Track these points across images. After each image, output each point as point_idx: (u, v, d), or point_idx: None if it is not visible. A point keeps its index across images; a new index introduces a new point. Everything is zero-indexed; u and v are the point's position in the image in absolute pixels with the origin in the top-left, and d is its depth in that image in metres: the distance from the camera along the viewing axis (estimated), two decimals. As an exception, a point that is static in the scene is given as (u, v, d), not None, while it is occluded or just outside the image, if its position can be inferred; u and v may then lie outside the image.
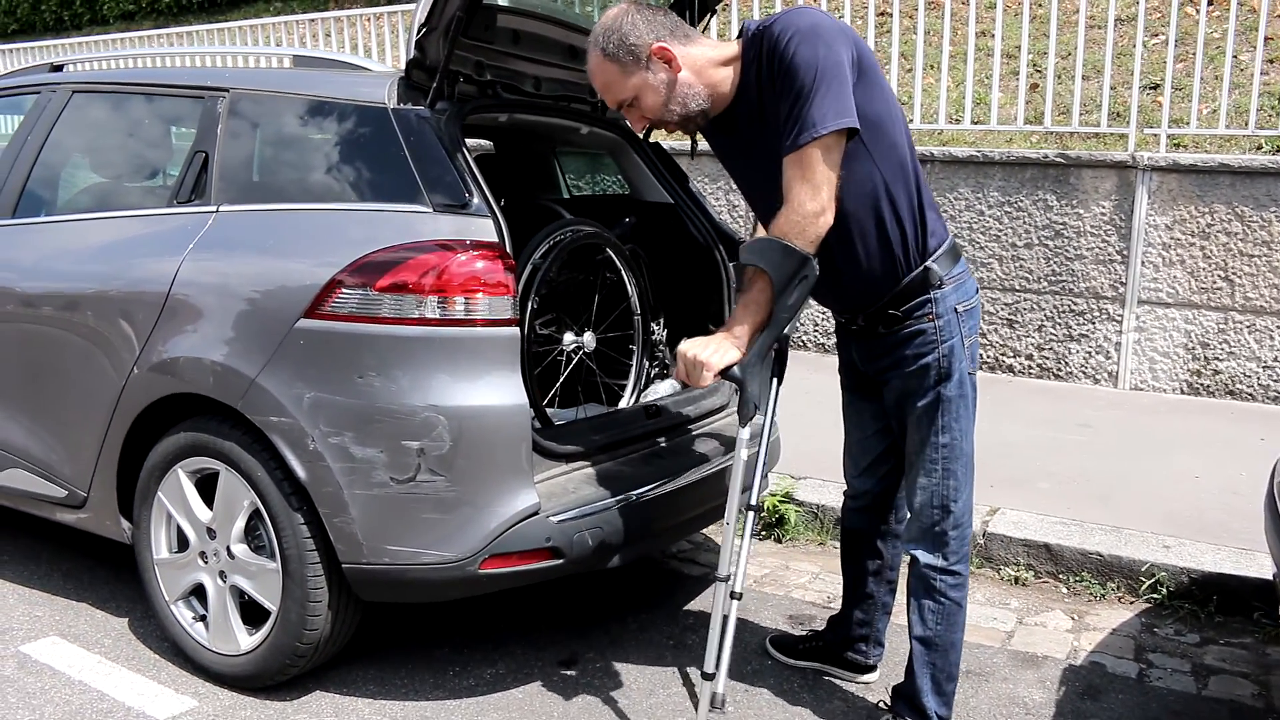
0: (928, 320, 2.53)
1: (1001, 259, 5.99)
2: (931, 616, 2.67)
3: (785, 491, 4.25)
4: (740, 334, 2.48)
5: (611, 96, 2.55)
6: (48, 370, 3.28)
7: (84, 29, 14.40)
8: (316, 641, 2.82)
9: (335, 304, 2.67)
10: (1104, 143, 6.02)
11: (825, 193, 2.34)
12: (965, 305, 2.56)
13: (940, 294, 2.52)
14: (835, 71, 2.32)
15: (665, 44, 2.47)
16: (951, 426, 2.58)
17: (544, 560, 2.72)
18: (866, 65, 2.40)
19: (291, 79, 3.12)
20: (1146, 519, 3.94)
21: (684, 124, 2.56)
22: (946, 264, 2.54)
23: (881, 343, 2.61)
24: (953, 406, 2.57)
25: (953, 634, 2.68)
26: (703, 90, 2.51)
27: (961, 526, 2.65)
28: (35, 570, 3.79)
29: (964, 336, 2.55)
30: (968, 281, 2.59)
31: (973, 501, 2.72)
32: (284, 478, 2.74)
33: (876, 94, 2.42)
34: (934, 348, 2.53)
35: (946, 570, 2.65)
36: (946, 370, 2.54)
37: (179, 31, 10.70)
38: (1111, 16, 5.90)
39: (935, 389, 2.56)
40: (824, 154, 2.32)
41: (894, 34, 6.51)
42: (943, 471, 2.61)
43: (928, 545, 2.66)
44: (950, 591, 2.66)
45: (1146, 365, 5.70)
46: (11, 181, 3.52)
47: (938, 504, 2.62)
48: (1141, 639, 3.36)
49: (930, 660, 2.69)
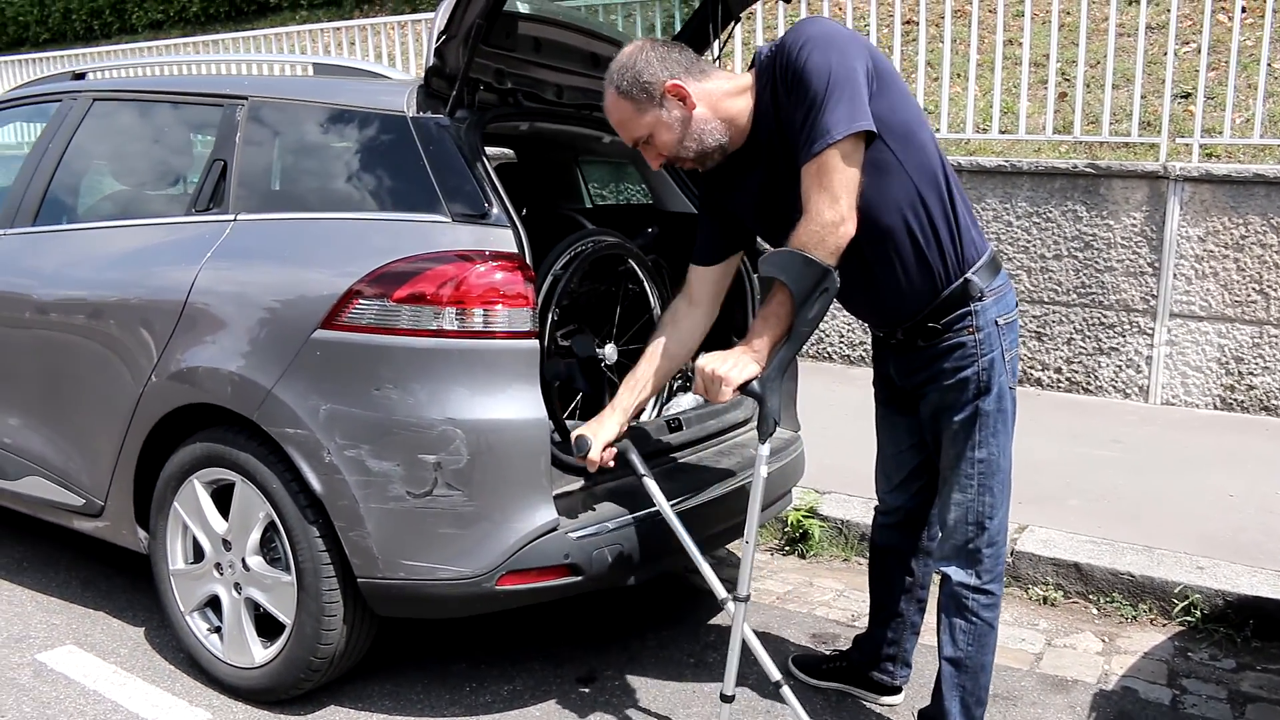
0: (968, 333, 2.46)
1: (1030, 270, 5.91)
2: (963, 637, 2.60)
3: (809, 506, 4.18)
4: (759, 348, 2.43)
5: (627, 134, 2.54)
6: (67, 378, 3.26)
7: (113, 37, 14.52)
8: (331, 656, 2.79)
9: (352, 315, 2.63)
10: (1134, 153, 5.93)
11: (844, 201, 2.29)
12: (1006, 318, 2.51)
13: (981, 306, 2.46)
14: (849, 77, 2.27)
15: (679, 81, 2.44)
16: (989, 441, 2.52)
17: (562, 577, 2.67)
18: (885, 73, 2.36)
19: (310, 87, 3.09)
20: (1180, 538, 3.85)
21: (701, 160, 2.53)
22: (987, 276, 2.48)
23: (920, 356, 2.55)
24: (990, 421, 2.51)
25: (983, 655, 2.61)
26: (719, 124, 2.48)
27: (996, 545, 2.59)
28: (54, 578, 3.78)
29: (1004, 350, 2.49)
30: (1008, 294, 2.54)
31: (1007, 525, 2.65)
32: (300, 490, 2.70)
33: (900, 101, 2.38)
34: (974, 361, 2.47)
35: (979, 589, 2.59)
36: (986, 384, 2.48)
37: (206, 40, 10.75)
38: (1142, 24, 5.82)
39: (974, 403, 2.50)
40: (841, 160, 2.27)
41: (920, 42, 6.44)
42: (978, 487, 2.54)
43: (961, 563, 2.59)
44: (982, 611, 2.59)
45: (1179, 380, 5.60)
46: (33, 189, 3.51)
47: (972, 520, 2.56)
48: (1175, 663, 3.28)
49: (960, 682, 2.62)
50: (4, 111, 3.91)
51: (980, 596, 2.58)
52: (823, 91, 2.26)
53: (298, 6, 12.95)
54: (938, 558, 2.66)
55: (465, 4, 2.66)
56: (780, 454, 3.49)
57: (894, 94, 2.36)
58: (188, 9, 13.79)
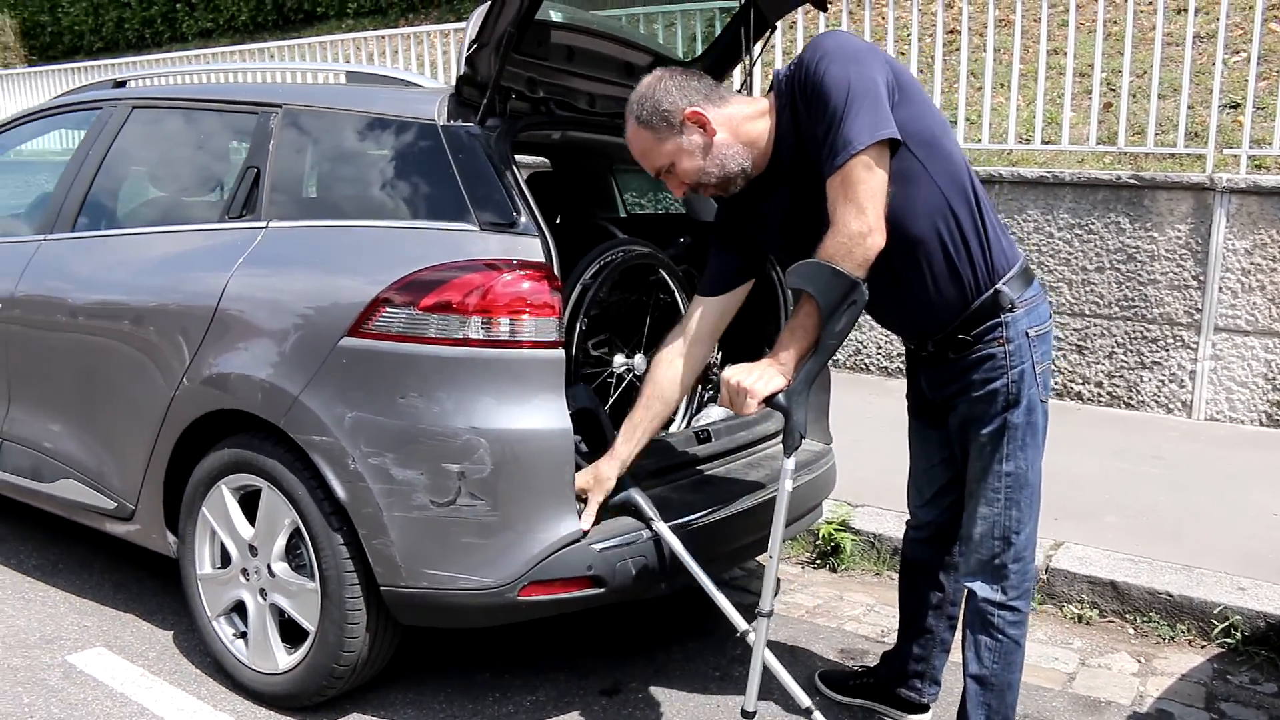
0: (998, 345, 2.43)
1: (1071, 283, 5.82)
2: (988, 654, 2.56)
3: (841, 520, 4.14)
4: (786, 360, 2.41)
5: (649, 163, 2.54)
6: (101, 382, 3.30)
7: (164, 45, 14.78)
8: (354, 663, 2.79)
9: (379, 323, 2.64)
10: (1181, 164, 5.82)
11: (871, 212, 2.26)
12: (1038, 330, 2.47)
13: (1012, 318, 2.43)
14: (869, 87, 2.26)
15: (699, 108, 2.45)
16: (1016, 455, 2.48)
17: (585, 589, 2.65)
18: (906, 83, 2.35)
19: (343, 95, 3.11)
20: (1221, 558, 3.76)
21: (723, 186, 2.52)
22: (1018, 286, 2.45)
23: (951, 368, 2.51)
24: (1019, 434, 2.47)
25: (1009, 674, 2.57)
26: (741, 149, 2.48)
27: (1023, 560, 2.54)
28: (88, 579, 3.82)
29: (1035, 362, 2.46)
30: (1041, 305, 2.50)
31: (1037, 536, 2.60)
32: (324, 497, 2.71)
33: (924, 111, 2.37)
34: (1003, 373, 2.44)
35: (1005, 605, 2.54)
36: (1015, 396, 2.45)
37: (254, 48, 10.89)
38: (1190, 33, 5.71)
39: (1002, 415, 2.46)
40: (865, 171, 2.24)
41: (963, 52, 6.37)
42: (1005, 501, 2.50)
43: (986, 578, 2.55)
44: (1009, 629, 2.55)
45: (1223, 395, 5.49)
46: (73, 195, 3.56)
47: (999, 535, 2.52)
48: (1213, 686, 3.20)
49: (985, 700, 2.58)
50: (48, 119, 3.98)
51: (1006, 613, 2.54)
52: (843, 103, 2.25)
53: (344, 15, 13.10)
54: (963, 573, 2.62)
55: (497, 13, 2.66)
56: (810, 466, 3.45)
57: (916, 104, 2.35)
58: (236, 18, 14.00)
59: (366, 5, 12.90)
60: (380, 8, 12.82)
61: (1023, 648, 2.58)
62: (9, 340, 3.59)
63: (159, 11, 14.86)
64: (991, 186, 6.01)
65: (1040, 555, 3.79)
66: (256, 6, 13.79)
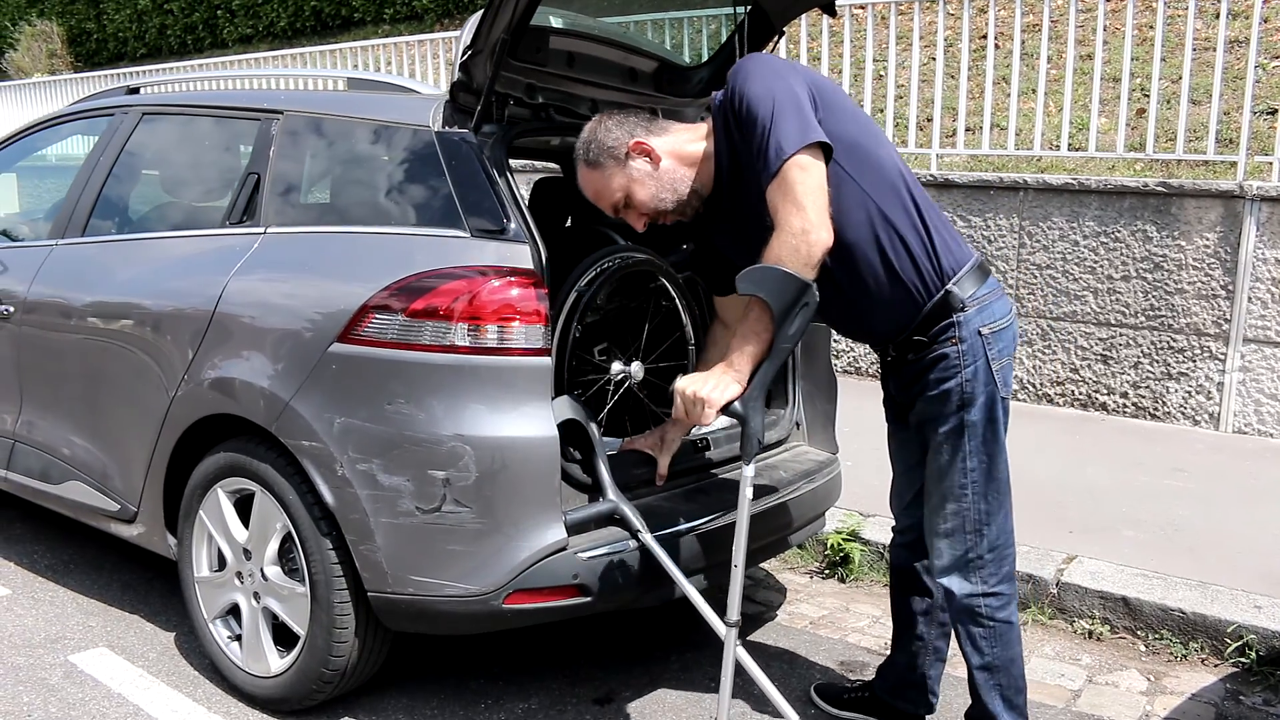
0: (951, 344, 2.45)
1: (1096, 291, 5.72)
2: (984, 642, 2.58)
3: (851, 530, 4.09)
4: (741, 367, 2.41)
5: (605, 201, 2.62)
6: (106, 386, 3.34)
7: (205, 52, 14.99)
8: (343, 668, 2.79)
9: (368, 329, 2.64)
10: (1213, 171, 5.71)
11: (811, 209, 2.27)
12: (992, 327, 2.47)
13: (964, 317, 2.45)
14: (791, 98, 2.33)
15: (640, 139, 2.54)
16: (979, 451, 2.50)
17: (571, 598, 2.63)
18: (827, 93, 2.43)
19: (342, 101, 3.13)
20: (1238, 575, 3.67)
21: (681, 210, 2.59)
22: (970, 285, 2.47)
23: (910, 370, 2.54)
24: (978, 431, 2.48)
25: (1009, 650, 2.59)
26: (688, 172, 2.56)
27: (999, 548, 2.56)
28: (96, 580, 3.87)
29: (991, 359, 2.47)
30: (995, 303, 2.51)
31: (1011, 529, 2.60)
32: (314, 502, 2.72)
33: (844, 117, 2.43)
34: (957, 372, 2.46)
35: (988, 594, 2.56)
36: (970, 394, 2.46)
37: (292, 53, 11.00)
38: (1222, 38, 5.59)
39: (959, 414, 2.48)
40: (800, 172, 2.28)
41: (989, 57, 6.29)
42: (973, 495, 2.52)
43: (961, 573, 2.56)
44: (997, 613, 2.57)
45: (1251, 407, 5.36)
46: (83, 201, 3.61)
47: (970, 529, 2.53)
48: (1224, 707, 3.12)
49: (995, 682, 2.60)
50: (63, 125, 4.04)
51: (990, 600, 2.56)
52: (770, 116, 2.32)
53: (380, 21, 13.21)
54: (937, 572, 2.62)
55: (491, 19, 2.67)
56: (815, 475, 3.42)
57: (838, 112, 2.42)
58: (276, 24, 14.17)
59: (403, 11, 13.01)
60: (416, 13, 12.92)
61: (1015, 625, 2.60)
62: (23, 344, 3.65)
63: (200, 18, 15.08)
64: (1016, 193, 5.93)
65: (1052, 569, 3.73)
66: (295, 12, 13.95)
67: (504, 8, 2.63)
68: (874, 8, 6.76)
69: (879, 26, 6.99)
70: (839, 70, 6.89)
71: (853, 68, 7.06)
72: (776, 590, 3.94)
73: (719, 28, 7.01)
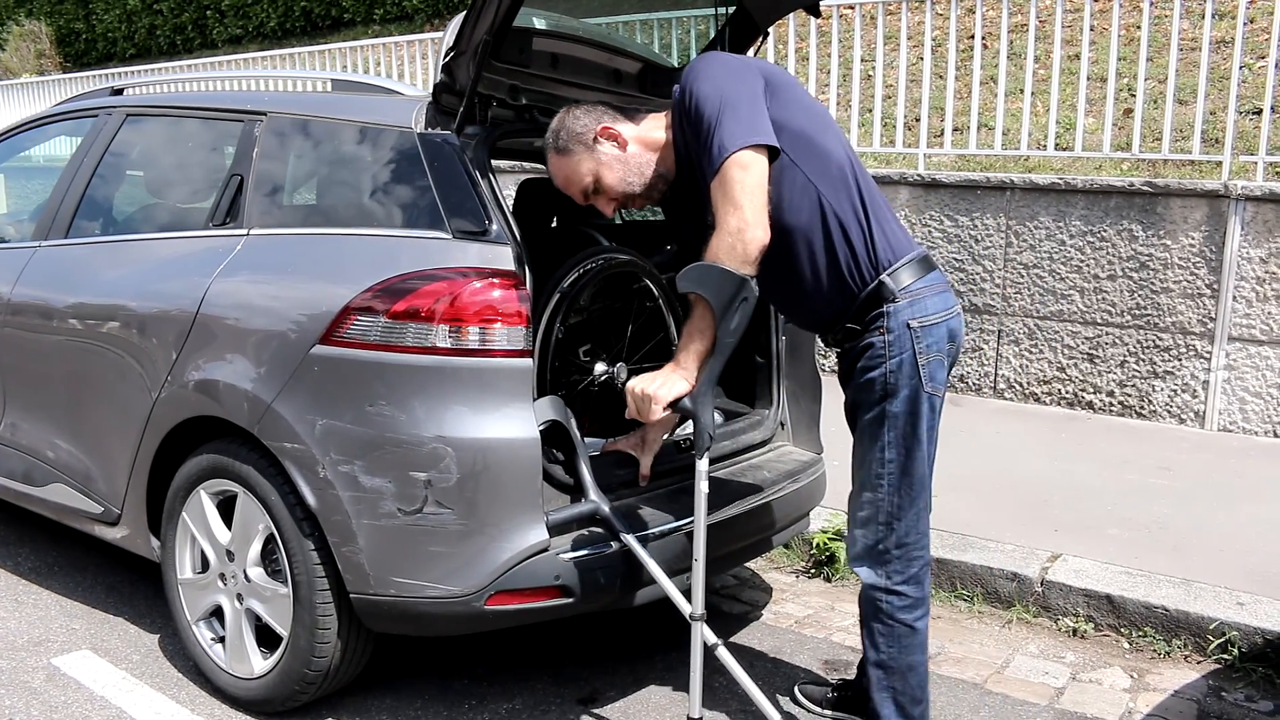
0: (879, 334, 2.50)
1: (1083, 290, 5.74)
2: (882, 640, 2.62)
3: (836, 529, 4.10)
4: (687, 364, 2.48)
5: (575, 187, 2.68)
6: (89, 388, 3.34)
7: (195, 52, 14.96)
8: (326, 669, 2.79)
9: (350, 331, 2.64)
10: (1198, 170, 5.73)
11: (748, 208, 2.34)
12: (922, 321, 2.50)
13: (894, 308, 2.49)
14: (738, 94, 2.40)
15: (606, 124, 2.63)
16: (898, 444, 2.53)
17: (553, 599, 2.64)
18: (781, 84, 2.50)
19: (325, 103, 3.13)
20: (1221, 572, 3.69)
21: (649, 194, 2.66)
22: (905, 278, 2.50)
23: (846, 358, 2.61)
24: (899, 423, 2.51)
25: (908, 656, 2.61)
26: (653, 156, 2.64)
27: (907, 546, 2.58)
28: (80, 581, 3.86)
29: (918, 353, 2.49)
30: (930, 298, 2.53)
31: (924, 531, 2.62)
32: (296, 504, 2.72)
33: (796, 109, 2.49)
34: (881, 362, 2.50)
35: (890, 590, 2.59)
36: (894, 385, 2.50)
37: (281, 54, 10.98)
38: (1207, 38, 5.61)
39: (880, 404, 2.52)
40: (740, 171, 2.34)
41: (976, 57, 6.30)
42: (888, 487, 2.55)
43: (871, 562, 2.61)
44: (898, 613, 2.59)
45: (1236, 406, 5.39)
46: (67, 203, 3.60)
47: (882, 520, 2.57)
48: (1207, 704, 3.13)
49: (889, 684, 2.63)
50: (48, 126, 4.03)
51: (892, 598, 2.58)
52: (715, 114, 2.38)
53: (370, 21, 13.20)
54: (851, 559, 2.68)
55: (474, 20, 2.67)
56: (798, 476, 3.43)
57: (790, 103, 2.48)
58: (266, 24, 14.15)
59: (393, 11, 13.00)
60: (406, 13, 12.91)
61: (920, 632, 2.61)
62: (6, 345, 3.64)
63: (190, 18, 15.06)
64: (1003, 193, 5.95)
65: (1037, 567, 3.74)
66: (285, 13, 13.93)
67: (487, 9, 2.63)
68: (862, 8, 6.77)
69: (867, 26, 7.00)
70: (827, 70, 6.90)
71: (841, 68, 7.07)
72: (762, 589, 3.95)
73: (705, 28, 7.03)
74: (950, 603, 3.80)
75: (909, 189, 6.26)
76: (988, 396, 6.15)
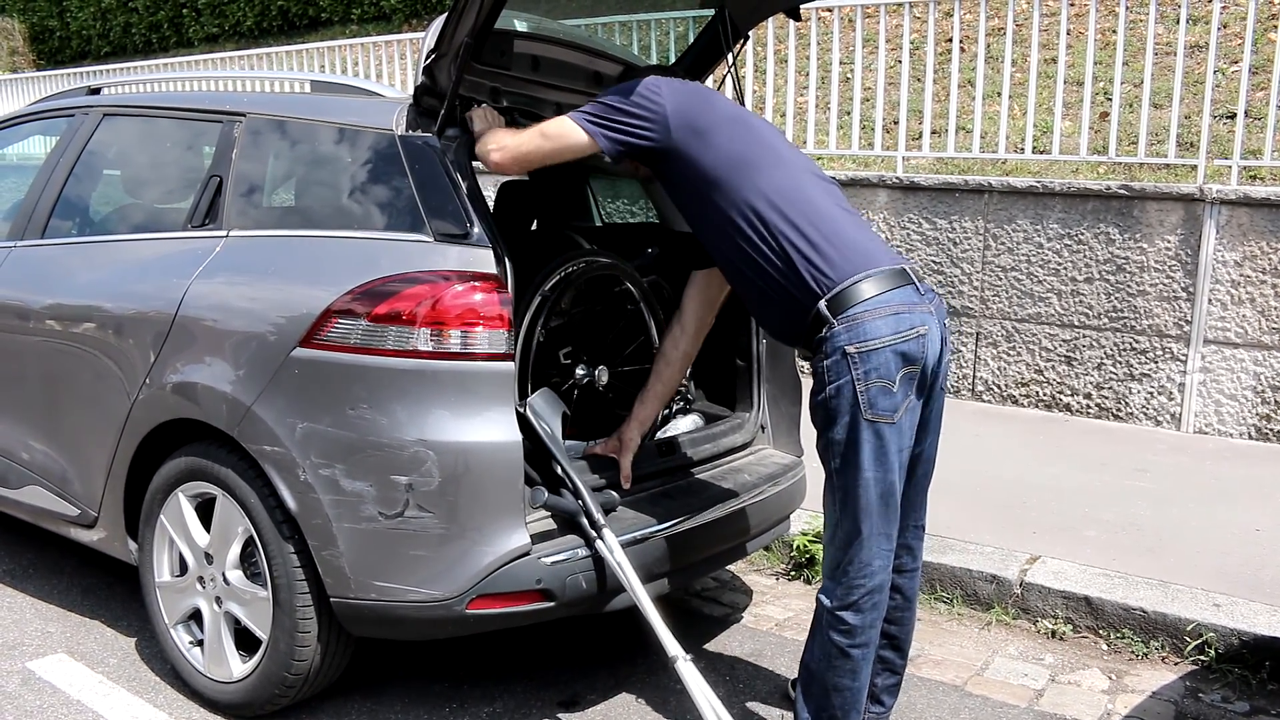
0: (821, 359, 2.50)
1: (1060, 294, 5.78)
2: (817, 650, 2.62)
3: (816, 531, 4.10)
4: None
5: None
6: (64, 390, 3.31)
7: (170, 51, 14.83)
8: (305, 673, 2.78)
9: (330, 334, 2.63)
10: (1175, 174, 5.77)
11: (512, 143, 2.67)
12: (860, 347, 2.43)
13: (830, 333, 2.47)
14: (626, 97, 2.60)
15: None
16: (844, 470, 2.50)
17: (534, 602, 2.63)
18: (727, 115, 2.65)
19: (305, 104, 3.11)
20: (1197, 574, 3.72)
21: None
22: (845, 302, 2.46)
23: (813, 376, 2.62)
24: (840, 450, 2.49)
25: (834, 676, 2.59)
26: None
27: (851, 575, 2.54)
28: (56, 584, 3.82)
29: (856, 380, 2.43)
30: (869, 323, 2.43)
31: (879, 560, 2.55)
32: (276, 507, 2.71)
33: (741, 135, 2.62)
34: (823, 388, 2.50)
35: (832, 611, 2.58)
36: (833, 412, 2.48)
37: (258, 53, 10.90)
38: (1182, 43, 5.66)
39: (825, 431, 2.52)
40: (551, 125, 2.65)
41: (954, 60, 6.34)
42: (840, 510, 2.54)
43: (829, 580, 2.60)
44: (833, 634, 2.57)
45: (1212, 408, 5.44)
46: (42, 203, 3.57)
47: (840, 542, 2.56)
48: (1184, 704, 3.16)
49: (812, 692, 2.64)
50: (23, 125, 3.99)
51: (832, 619, 2.57)
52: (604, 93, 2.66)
53: (348, 21, 13.12)
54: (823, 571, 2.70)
55: (455, 22, 2.66)
56: (779, 479, 3.43)
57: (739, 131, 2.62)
58: (242, 23, 14.04)
59: (370, 11, 12.93)
60: (384, 13, 12.85)
61: (852, 658, 2.57)
62: (-18, 347, 3.60)
63: (165, 17, 14.92)
64: (981, 196, 5.98)
65: (1015, 569, 3.76)
66: (262, 12, 13.83)
67: (468, 11, 2.62)
68: (840, 11, 6.80)
69: (845, 29, 7.02)
70: (805, 73, 6.92)
71: (819, 70, 7.09)
72: (742, 592, 3.95)
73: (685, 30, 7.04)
74: (930, 605, 3.81)
75: (887, 192, 6.28)
76: (965, 399, 6.18)
